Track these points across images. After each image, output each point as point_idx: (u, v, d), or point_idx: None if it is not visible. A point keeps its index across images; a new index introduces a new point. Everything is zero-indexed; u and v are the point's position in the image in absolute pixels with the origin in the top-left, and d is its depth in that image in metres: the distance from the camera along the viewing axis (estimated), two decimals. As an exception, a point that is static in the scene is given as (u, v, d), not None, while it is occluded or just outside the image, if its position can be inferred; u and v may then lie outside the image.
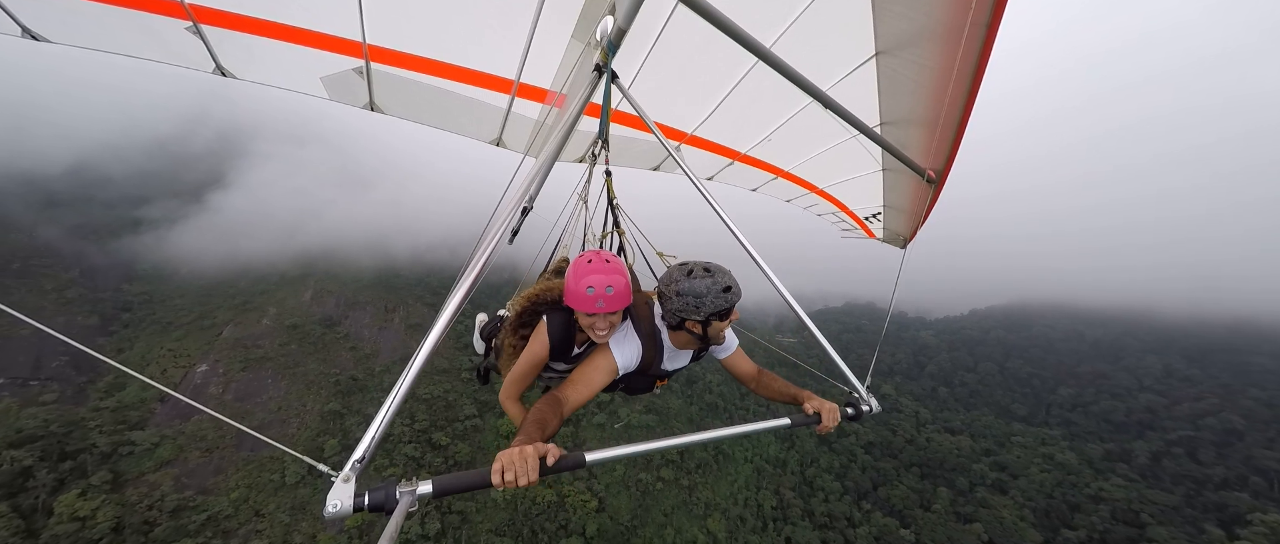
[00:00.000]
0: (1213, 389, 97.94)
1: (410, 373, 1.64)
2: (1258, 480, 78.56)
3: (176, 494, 59.96)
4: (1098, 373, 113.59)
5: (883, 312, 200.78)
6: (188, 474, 63.06)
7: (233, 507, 61.20)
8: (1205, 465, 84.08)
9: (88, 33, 2.35)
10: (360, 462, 1.46)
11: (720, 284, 2.24)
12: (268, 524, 60.89)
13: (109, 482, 57.53)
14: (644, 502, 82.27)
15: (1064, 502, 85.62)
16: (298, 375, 79.49)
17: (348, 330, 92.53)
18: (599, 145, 4.09)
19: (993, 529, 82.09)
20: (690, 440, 1.87)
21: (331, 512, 1.32)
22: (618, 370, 2.40)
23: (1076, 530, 79.24)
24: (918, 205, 4.21)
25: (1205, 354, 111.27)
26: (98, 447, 59.98)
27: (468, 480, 1.52)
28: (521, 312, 2.71)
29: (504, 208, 2.14)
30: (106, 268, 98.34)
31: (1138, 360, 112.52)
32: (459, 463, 76.72)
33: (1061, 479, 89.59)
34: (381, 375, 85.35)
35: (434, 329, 1.71)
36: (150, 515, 56.70)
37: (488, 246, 1.96)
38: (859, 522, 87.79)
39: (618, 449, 1.70)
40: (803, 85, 2.64)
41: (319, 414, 74.76)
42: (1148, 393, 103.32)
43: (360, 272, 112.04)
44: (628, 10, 2.21)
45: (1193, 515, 75.67)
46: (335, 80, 3.03)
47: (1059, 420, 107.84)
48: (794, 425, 2.28)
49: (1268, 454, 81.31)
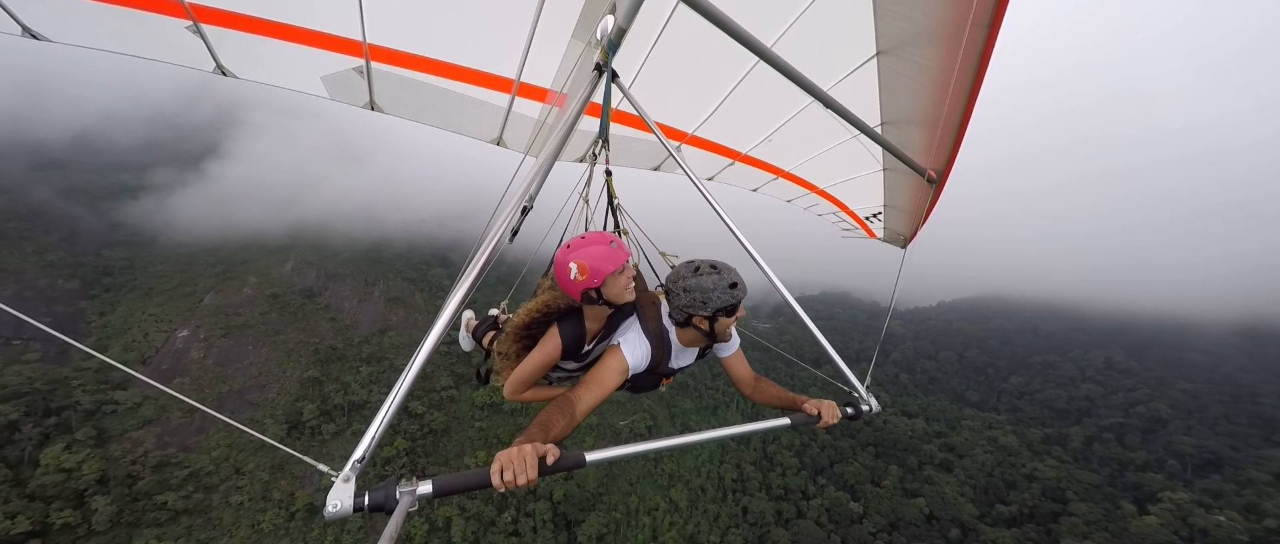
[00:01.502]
0: (1146, 380, 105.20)
1: (410, 373, 1.63)
2: (1174, 463, 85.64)
3: (159, 451, 63.01)
4: (1047, 363, 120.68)
5: (858, 302, 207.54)
6: (170, 433, 65.96)
7: (214, 464, 64.44)
8: (1130, 449, 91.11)
9: (88, 32, 2.38)
10: (360, 461, 1.45)
11: (726, 281, 2.28)
12: (247, 481, 64.34)
13: (93, 437, 60.30)
14: (610, 471, 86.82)
15: (1002, 480, 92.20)
16: (278, 343, 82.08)
17: (328, 302, 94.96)
18: (599, 145, 4.11)
19: (934, 503, 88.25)
20: (690, 440, 1.87)
21: (332, 512, 1.33)
22: (629, 370, 2.43)
23: (1009, 506, 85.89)
24: (918, 205, 4.24)
25: (1144, 348, 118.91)
26: (81, 404, 62.50)
27: (467, 480, 1.53)
28: (530, 322, 2.70)
29: (504, 207, 2.16)
30: (88, 232, 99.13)
31: (1083, 353, 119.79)
32: (434, 431, 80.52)
33: (1002, 460, 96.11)
34: (360, 345, 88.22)
35: (435, 328, 1.71)
36: (134, 470, 59.77)
37: (488, 246, 1.97)
38: (813, 494, 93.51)
39: (618, 449, 1.72)
40: (803, 85, 2.66)
41: (298, 380, 77.66)
42: (1089, 383, 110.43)
43: (351, 243, 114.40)
44: (628, 10, 2.25)
45: (1112, 493, 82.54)
46: (335, 80, 3.05)
47: (1007, 406, 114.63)
48: (794, 425, 2.30)
49: (1186, 440, 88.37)
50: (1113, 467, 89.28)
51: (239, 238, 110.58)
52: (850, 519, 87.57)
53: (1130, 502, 79.50)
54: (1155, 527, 72.13)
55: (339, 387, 78.86)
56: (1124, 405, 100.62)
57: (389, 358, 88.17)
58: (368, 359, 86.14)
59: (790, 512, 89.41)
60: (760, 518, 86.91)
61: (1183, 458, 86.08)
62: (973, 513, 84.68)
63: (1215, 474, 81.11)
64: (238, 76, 2.83)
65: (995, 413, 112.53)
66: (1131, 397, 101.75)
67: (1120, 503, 78.90)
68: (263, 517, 61.09)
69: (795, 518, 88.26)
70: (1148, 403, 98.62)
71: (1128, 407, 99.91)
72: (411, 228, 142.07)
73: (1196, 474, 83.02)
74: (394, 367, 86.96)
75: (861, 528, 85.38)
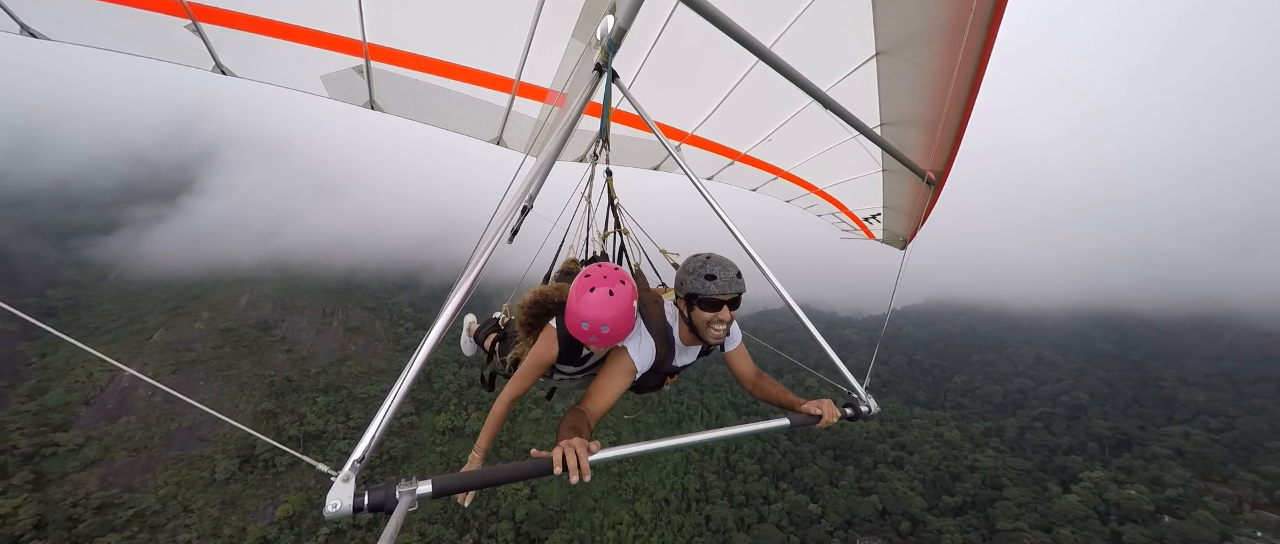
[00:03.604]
0: (1070, 372, 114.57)
1: (410, 372, 1.63)
2: (1093, 445, 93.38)
3: (102, 492, 61.58)
4: (985, 361, 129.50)
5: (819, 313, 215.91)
6: (114, 473, 64.51)
7: (160, 503, 63.21)
8: (1057, 435, 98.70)
9: (86, 30, 2.35)
10: (360, 461, 1.44)
11: (705, 270, 2.30)
12: (196, 519, 63.28)
13: (31, 481, 58.70)
14: (574, 489, 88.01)
15: (947, 472, 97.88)
16: (231, 377, 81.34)
17: (284, 333, 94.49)
18: (599, 145, 4.08)
19: (887, 499, 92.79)
20: (690, 440, 1.87)
21: (331, 512, 1.31)
22: (636, 371, 2.43)
23: (954, 496, 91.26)
24: (917, 206, 4.25)
25: (1068, 342, 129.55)
26: (18, 448, 60.87)
27: (468, 480, 1.53)
28: (530, 311, 2.73)
29: (504, 207, 2.15)
30: (28, 273, 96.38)
31: (1016, 350, 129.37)
32: (394, 458, 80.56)
33: (947, 454, 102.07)
34: (317, 376, 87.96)
35: (434, 328, 1.71)
36: (74, 512, 58.28)
37: (488, 246, 1.96)
38: (774, 499, 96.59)
39: (618, 449, 1.72)
40: (803, 85, 2.65)
41: (251, 414, 76.99)
42: (1021, 377, 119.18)
43: (320, 272, 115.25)
44: (628, 10, 2.27)
45: (1041, 477, 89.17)
46: (335, 79, 3.03)
47: (952, 403, 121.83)
48: (794, 425, 2.31)
49: (1103, 424, 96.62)
50: (1043, 453, 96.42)
51: (199, 273, 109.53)
52: (809, 520, 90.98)
53: (1056, 483, 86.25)
54: (1075, 503, 78.66)
55: (294, 418, 78.48)
56: (1051, 396, 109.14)
57: (347, 387, 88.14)
58: (325, 389, 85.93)
59: (752, 517, 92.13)
60: (722, 525, 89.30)
61: (1101, 440, 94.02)
62: (921, 505, 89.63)
63: (1127, 453, 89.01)
64: (237, 76, 2.84)
65: (942, 410, 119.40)
66: (1057, 387, 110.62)
67: (1047, 485, 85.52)
68: (212, 553, 60.25)
69: (757, 522, 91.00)
70: (1071, 392, 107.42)
71: (1054, 397, 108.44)
72: (381, 254, 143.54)
73: (1112, 454, 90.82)
74: (352, 396, 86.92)
75: (820, 527, 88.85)
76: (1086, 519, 75.75)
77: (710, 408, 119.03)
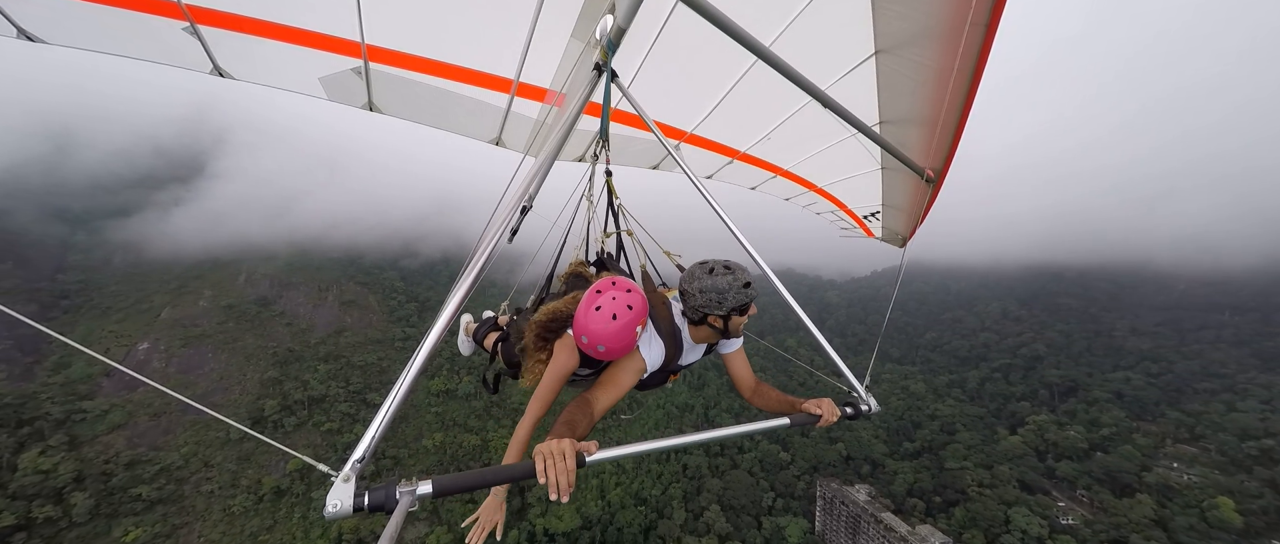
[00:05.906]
0: (1032, 325, 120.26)
1: (410, 372, 1.63)
2: (1044, 392, 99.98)
3: (130, 450, 69.01)
4: (955, 318, 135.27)
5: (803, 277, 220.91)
6: (139, 435, 71.83)
7: (183, 459, 70.75)
8: (1012, 385, 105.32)
9: (83, 33, 2.34)
10: (360, 461, 1.45)
11: (740, 281, 2.33)
12: (216, 472, 70.93)
13: (66, 443, 65.96)
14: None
15: (909, 421, 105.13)
16: (236, 349, 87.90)
17: (283, 308, 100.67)
18: (599, 144, 4.11)
19: (851, 447, 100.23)
20: (690, 440, 1.88)
21: (331, 512, 1.31)
22: (645, 370, 2.49)
23: (913, 442, 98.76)
24: (916, 204, 4.26)
25: (1032, 297, 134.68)
26: (52, 414, 67.89)
27: (469, 480, 1.55)
28: (546, 324, 2.74)
29: (504, 207, 2.15)
30: (39, 259, 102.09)
31: (985, 306, 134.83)
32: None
33: (912, 404, 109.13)
34: (317, 346, 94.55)
35: (434, 328, 1.71)
36: (108, 468, 65.78)
37: (487, 246, 1.97)
38: (748, 449, 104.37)
39: (618, 449, 1.73)
40: (802, 84, 2.66)
41: (258, 381, 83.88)
42: (986, 332, 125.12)
43: (323, 251, 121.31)
44: (627, 9, 2.27)
45: (992, 422, 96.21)
46: (333, 81, 3.02)
47: (922, 359, 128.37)
48: (793, 425, 2.31)
49: (1055, 373, 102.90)
50: (998, 401, 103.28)
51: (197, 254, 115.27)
52: (779, 466, 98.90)
53: (1005, 427, 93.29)
54: (1018, 444, 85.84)
55: (299, 384, 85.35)
56: (1012, 348, 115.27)
57: (346, 355, 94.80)
58: (325, 358, 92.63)
59: (726, 465, 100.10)
60: (697, 472, 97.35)
61: (1051, 387, 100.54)
62: (883, 450, 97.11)
63: (1073, 398, 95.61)
64: (235, 78, 2.81)
65: (912, 366, 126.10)
66: (1018, 340, 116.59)
67: (996, 429, 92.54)
68: (232, 501, 68.00)
69: (730, 469, 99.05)
70: (1029, 345, 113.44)
71: (1014, 349, 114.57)
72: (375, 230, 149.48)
73: (1059, 399, 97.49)
74: (351, 363, 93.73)
75: (788, 472, 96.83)
76: (1024, 457, 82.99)
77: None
